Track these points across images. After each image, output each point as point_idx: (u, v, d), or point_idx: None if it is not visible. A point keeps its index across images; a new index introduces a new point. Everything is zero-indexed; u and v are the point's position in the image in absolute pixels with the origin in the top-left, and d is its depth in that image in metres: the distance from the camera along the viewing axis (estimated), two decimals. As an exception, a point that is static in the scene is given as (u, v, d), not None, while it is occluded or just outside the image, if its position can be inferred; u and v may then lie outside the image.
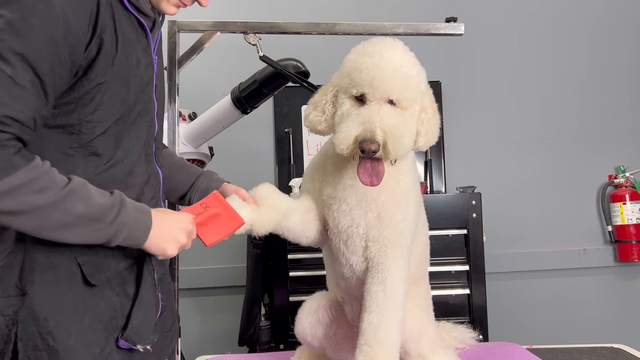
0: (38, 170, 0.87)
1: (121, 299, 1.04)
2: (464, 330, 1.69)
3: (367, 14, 2.68)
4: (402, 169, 1.32)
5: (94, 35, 0.94)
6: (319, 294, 1.52)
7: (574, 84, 2.77)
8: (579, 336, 2.61)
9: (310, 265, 2.13)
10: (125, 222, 0.95)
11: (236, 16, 1.70)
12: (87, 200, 0.91)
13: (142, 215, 1.00)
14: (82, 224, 0.91)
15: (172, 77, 1.78)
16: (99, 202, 0.93)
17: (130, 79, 1.02)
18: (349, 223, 1.29)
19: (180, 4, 1.12)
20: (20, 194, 0.85)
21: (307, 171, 1.40)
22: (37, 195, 0.86)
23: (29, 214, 0.86)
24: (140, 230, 0.99)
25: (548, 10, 2.82)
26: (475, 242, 2.15)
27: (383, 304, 1.24)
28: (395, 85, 1.16)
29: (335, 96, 1.27)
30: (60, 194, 0.88)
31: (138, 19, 1.06)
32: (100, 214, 0.92)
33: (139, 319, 1.04)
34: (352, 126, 1.15)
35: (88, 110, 0.96)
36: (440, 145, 2.68)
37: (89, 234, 0.93)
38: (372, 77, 1.16)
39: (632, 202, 2.67)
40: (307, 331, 1.45)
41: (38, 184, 0.86)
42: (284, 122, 2.66)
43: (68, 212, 0.89)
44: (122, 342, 1.02)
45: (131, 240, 0.98)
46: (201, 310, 2.65)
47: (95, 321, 0.99)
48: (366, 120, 1.14)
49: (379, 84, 1.16)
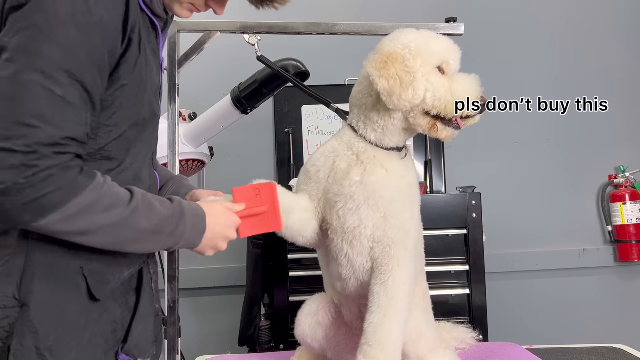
0: (103, 188, 0.87)
1: (122, 310, 1.01)
2: (464, 330, 1.68)
3: (367, 14, 2.68)
4: (408, 164, 1.33)
5: (125, 35, 0.92)
6: (318, 296, 1.51)
7: (574, 84, 2.77)
8: (579, 336, 2.61)
9: (310, 265, 2.13)
10: (184, 233, 0.96)
11: (236, 16, 1.70)
12: (148, 214, 0.92)
13: (198, 220, 1.00)
14: (146, 238, 0.92)
15: (172, 77, 1.78)
16: (160, 213, 0.93)
17: (147, 81, 1.00)
18: (356, 223, 1.27)
19: (194, 9, 1.10)
20: (90, 214, 0.84)
21: (305, 171, 1.38)
22: (105, 214, 0.86)
23: (96, 233, 0.86)
24: (196, 238, 1.00)
25: (548, 10, 2.82)
26: (475, 242, 2.15)
27: (385, 304, 1.23)
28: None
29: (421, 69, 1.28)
30: (127, 212, 0.88)
31: (151, 19, 1.04)
32: (161, 227, 0.93)
33: (138, 331, 1.02)
34: (470, 87, 1.29)
35: (108, 113, 0.94)
36: (440, 145, 2.67)
37: (152, 245, 0.95)
38: (454, 53, 1.29)
39: (632, 202, 2.67)
40: (307, 333, 1.45)
41: (105, 202, 0.86)
42: (284, 122, 2.66)
43: (134, 228, 0.90)
44: (123, 357, 0.99)
45: (187, 245, 1.00)
46: (201, 310, 2.65)
47: (96, 335, 0.95)
48: (474, 81, 1.30)
49: (458, 57, 1.30)
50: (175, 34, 1.78)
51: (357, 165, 1.28)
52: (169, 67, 1.80)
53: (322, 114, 2.60)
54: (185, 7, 1.09)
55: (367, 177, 1.27)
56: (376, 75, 1.22)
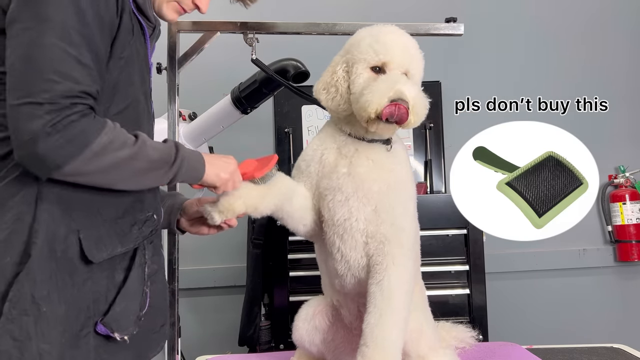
0: (114, 130, 0.97)
1: (107, 283, 1.05)
2: (464, 330, 1.68)
3: (367, 14, 2.68)
4: (396, 157, 1.32)
5: (117, 8, 1.00)
6: (315, 299, 1.50)
7: (573, 84, 2.77)
8: (579, 336, 2.61)
9: (310, 265, 2.13)
10: (185, 157, 1.07)
11: (236, 16, 1.70)
12: (154, 147, 1.03)
13: (193, 154, 1.11)
14: (157, 167, 1.03)
15: (172, 77, 1.78)
16: (162, 147, 1.05)
17: (141, 67, 1.08)
18: (345, 215, 1.27)
19: (180, 9, 1.16)
20: (112, 150, 0.95)
21: (297, 167, 1.39)
22: (121, 151, 0.97)
23: (118, 167, 0.97)
24: (198, 163, 1.11)
25: (548, 10, 2.82)
26: (475, 242, 2.15)
27: (381, 304, 1.22)
28: (412, 58, 1.25)
29: (346, 71, 1.28)
30: (137, 146, 0.99)
31: (140, 22, 1.08)
32: (168, 155, 1.04)
33: (121, 307, 1.05)
34: (383, 88, 1.17)
35: (108, 85, 1.01)
36: (440, 145, 2.68)
37: (163, 174, 1.05)
38: (395, 47, 1.23)
39: (632, 202, 2.67)
40: (305, 338, 1.44)
41: (120, 140, 0.97)
42: (284, 122, 2.66)
43: (146, 159, 1.01)
44: (100, 327, 1.03)
45: (193, 173, 1.10)
46: (201, 310, 2.64)
47: (80, 299, 1.01)
48: (397, 82, 1.18)
49: (401, 53, 1.23)
50: (175, 34, 1.79)
51: (343, 158, 1.29)
52: (169, 67, 1.80)
53: (322, 114, 2.60)
54: (171, 6, 1.15)
55: (354, 168, 1.27)
56: (316, 89, 1.33)
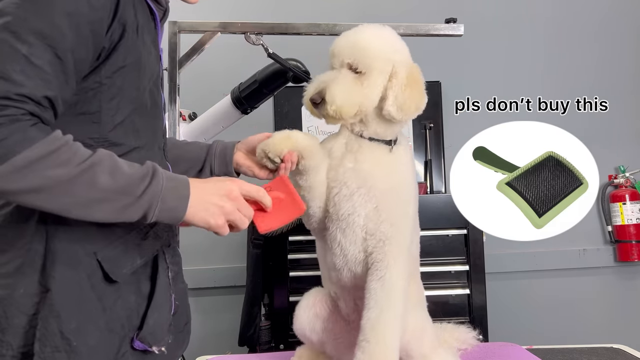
0: (58, 143, 0.81)
1: (136, 297, 1.00)
2: (465, 331, 1.69)
3: (367, 14, 2.68)
4: (399, 159, 1.33)
5: (115, 15, 0.90)
6: (315, 290, 1.52)
7: (574, 84, 2.77)
8: (579, 336, 2.61)
9: (310, 265, 2.13)
10: (157, 193, 0.88)
11: (237, 17, 1.70)
12: (113, 172, 0.85)
13: (177, 183, 0.92)
14: (110, 199, 0.85)
15: (172, 77, 1.79)
16: (128, 172, 0.86)
17: (146, 65, 0.99)
18: (349, 210, 1.28)
19: None
20: (40, 168, 0.79)
21: None
22: (59, 169, 0.80)
23: (51, 190, 0.81)
24: (176, 201, 0.91)
25: (548, 10, 2.82)
26: (475, 242, 2.15)
27: (382, 300, 1.24)
28: (349, 51, 1.27)
29: None
30: (83, 166, 0.82)
31: (150, 6, 1.04)
32: (129, 186, 0.86)
33: (154, 318, 1.01)
34: (309, 87, 1.29)
35: (108, 95, 0.93)
36: (440, 145, 2.68)
37: (120, 210, 0.86)
38: (334, 46, 1.31)
39: (632, 202, 2.67)
40: (306, 326, 1.46)
41: (59, 157, 0.81)
42: (284, 122, 2.65)
43: (93, 185, 0.83)
44: (137, 343, 0.98)
45: (169, 213, 0.90)
46: (201, 310, 2.64)
47: (113, 320, 0.95)
48: (317, 80, 1.28)
49: (337, 50, 1.29)
50: (176, 34, 1.79)
51: (349, 152, 1.32)
52: (170, 67, 1.80)
53: (322, 114, 2.61)
54: None
55: (359, 164, 1.29)
56: None
